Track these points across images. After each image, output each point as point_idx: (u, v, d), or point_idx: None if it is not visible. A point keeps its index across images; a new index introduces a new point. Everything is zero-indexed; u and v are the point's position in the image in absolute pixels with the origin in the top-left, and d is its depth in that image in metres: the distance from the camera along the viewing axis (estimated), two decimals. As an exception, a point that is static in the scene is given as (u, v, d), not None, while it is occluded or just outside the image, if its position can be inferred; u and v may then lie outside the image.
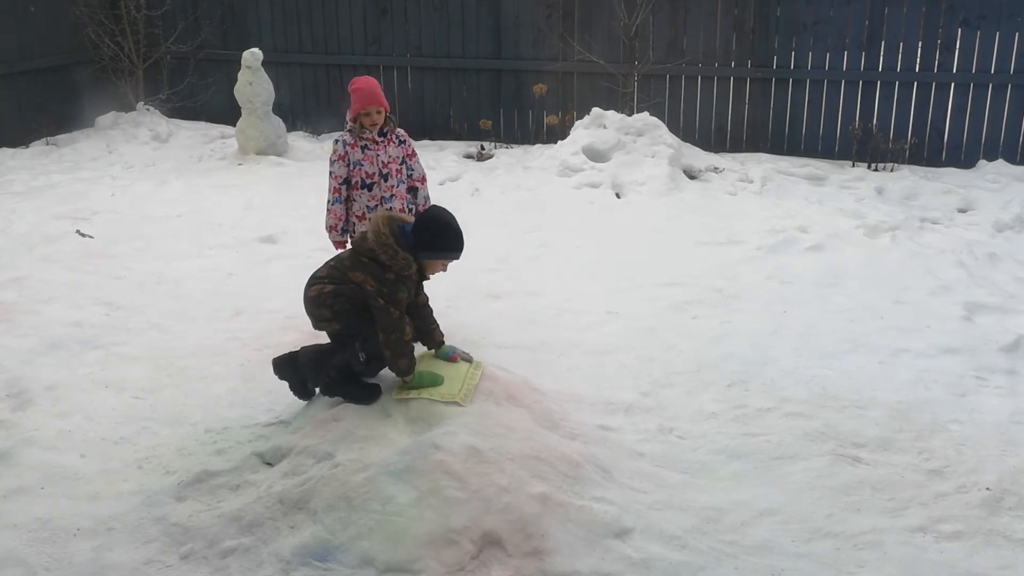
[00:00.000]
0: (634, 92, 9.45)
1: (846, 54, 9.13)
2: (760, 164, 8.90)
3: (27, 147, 9.87)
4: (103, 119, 10.43)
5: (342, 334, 4.05)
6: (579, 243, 7.01)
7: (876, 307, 5.82)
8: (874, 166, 8.98)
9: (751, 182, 8.48)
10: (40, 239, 6.96)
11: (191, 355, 5.12)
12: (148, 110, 10.51)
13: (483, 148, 9.79)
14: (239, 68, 9.32)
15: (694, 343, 5.30)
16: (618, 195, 8.13)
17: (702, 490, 3.88)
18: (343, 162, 5.07)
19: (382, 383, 4.06)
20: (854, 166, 9.04)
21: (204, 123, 10.72)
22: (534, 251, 6.89)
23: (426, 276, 4.12)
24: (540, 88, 9.67)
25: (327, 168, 5.14)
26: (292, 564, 3.37)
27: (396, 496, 3.46)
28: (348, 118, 5.11)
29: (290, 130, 9.93)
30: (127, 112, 10.55)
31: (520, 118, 10.20)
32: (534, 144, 9.87)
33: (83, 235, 7.10)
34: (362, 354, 3.97)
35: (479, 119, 10.06)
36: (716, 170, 8.71)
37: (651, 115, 8.87)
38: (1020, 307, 5.84)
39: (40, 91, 10.07)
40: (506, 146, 9.91)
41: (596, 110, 8.97)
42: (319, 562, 3.36)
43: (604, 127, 8.82)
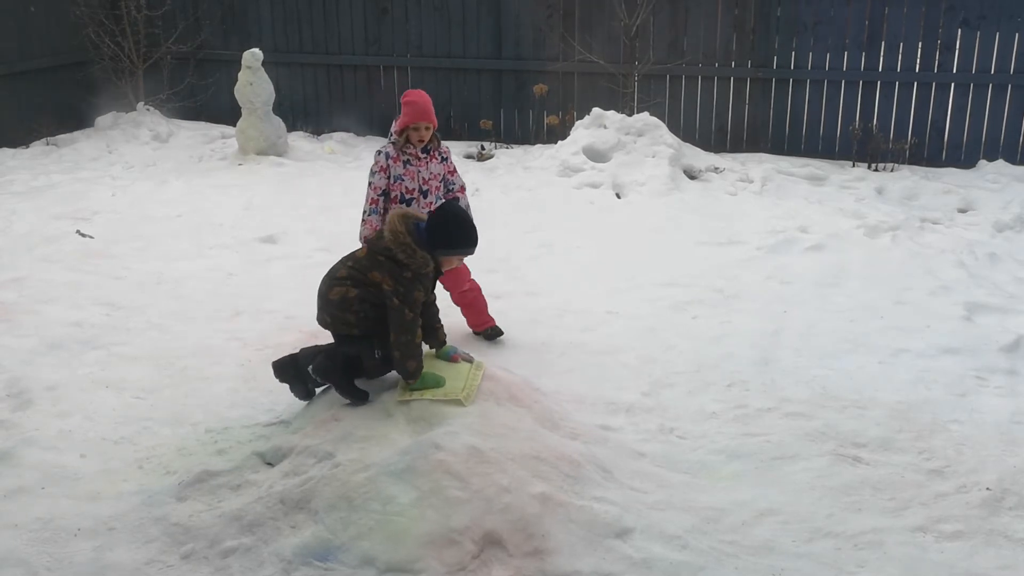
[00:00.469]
0: (634, 92, 9.45)
1: (846, 54, 9.13)
2: (760, 164, 8.90)
3: (27, 147, 9.87)
4: (103, 119, 10.43)
5: (356, 336, 4.06)
6: (579, 243, 7.01)
7: (876, 307, 5.82)
8: (874, 166, 8.98)
9: (751, 182, 8.48)
10: (40, 239, 6.96)
11: (191, 355, 5.12)
12: (148, 110, 10.51)
13: (483, 148, 9.79)
14: (239, 68, 9.32)
15: (694, 343, 5.30)
16: (618, 195, 8.13)
17: (703, 490, 3.88)
18: (384, 174, 4.92)
19: (381, 386, 4.06)
20: (854, 166, 9.04)
21: (204, 123, 10.71)
22: (534, 251, 6.89)
23: (441, 272, 4.15)
24: (540, 88, 9.67)
25: (329, 168, 5.12)
26: (293, 564, 3.37)
27: (397, 496, 3.46)
28: (394, 129, 4.96)
29: (290, 130, 9.93)
30: (127, 112, 10.55)
31: (520, 118, 10.20)
32: (534, 144, 9.87)
33: (83, 235, 7.10)
34: (378, 351, 3.98)
35: (479, 119, 10.06)
36: (716, 170, 8.71)
37: (651, 115, 8.87)
38: (1020, 307, 5.84)
39: (40, 91, 10.06)
40: (506, 146, 9.91)
41: (596, 110, 8.97)
42: (320, 562, 3.36)
43: (604, 127, 8.82)
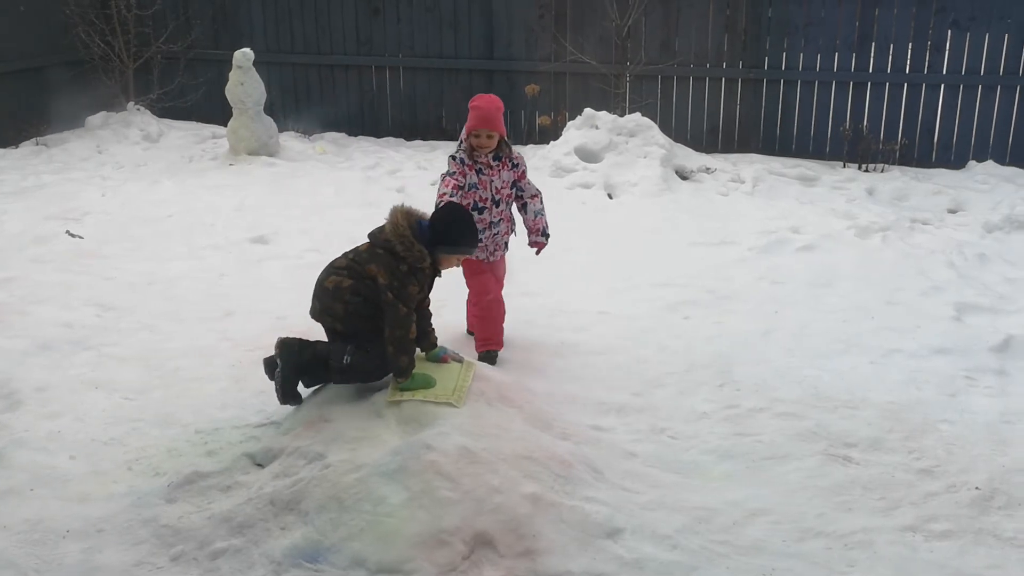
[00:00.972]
0: (626, 93, 9.46)
1: (837, 55, 9.17)
2: (752, 165, 8.92)
3: (17, 147, 9.82)
4: (93, 119, 10.38)
5: (335, 334, 4.05)
6: (572, 244, 7.00)
7: (868, 307, 5.84)
8: (865, 167, 9.00)
9: (743, 183, 8.49)
10: (31, 240, 6.93)
11: (182, 356, 5.10)
12: (139, 110, 10.47)
13: (475, 148, 9.78)
14: (230, 68, 9.30)
15: (686, 343, 5.31)
16: (610, 196, 8.14)
17: (694, 490, 3.89)
18: (462, 176, 4.85)
19: (372, 386, 4.05)
20: (845, 167, 9.06)
21: (195, 123, 10.69)
22: (526, 251, 6.87)
23: (439, 272, 4.14)
24: (532, 88, 9.67)
25: (320, 169, 5.10)
26: (283, 565, 3.36)
27: (388, 497, 3.45)
28: (462, 135, 4.90)
29: (282, 130, 9.90)
30: (118, 112, 10.50)
31: (512, 118, 10.18)
32: (526, 145, 9.86)
33: (73, 235, 7.07)
34: (348, 357, 3.95)
35: (471, 119, 10.05)
36: (708, 171, 8.72)
37: (643, 116, 8.88)
38: (1010, 307, 5.86)
39: (30, 91, 10.02)
40: (498, 146, 9.89)
41: (588, 111, 8.98)
42: (310, 563, 3.35)
43: (596, 128, 8.82)
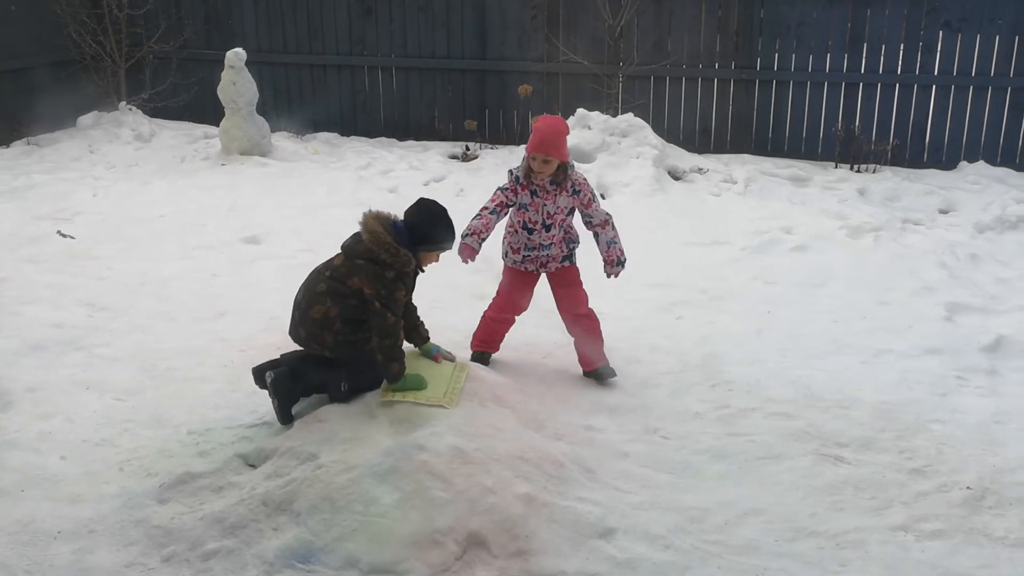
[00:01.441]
0: (619, 93, 9.47)
1: (829, 56, 9.18)
2: (744, 165, 8.94)
3: (8, 147, 9.78)
4: (85, 119, 10.34)
5: (327, 362, 4.06)
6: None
7: (860, 307, 5.85)
8: (857, 167, 9.03)
9: (735, 183, 8.51)
10: (22, 240, 6.90)
11: (174, 356, 5.08)
12: (130, 110, 10.43)
13: (468, 149, 9.79)
14: (222, 68, 9.28)
15: (679, 344, 5.31)
16: (603, 196, 8.14)
17: (687, 490, 3.89)
18: (513, 193, 4.71)
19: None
20: (837, 167, 9.09)
21: (187, 123, 10.65)
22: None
23: (422, 269, 4.14)
24: (525, 89, 9.67)
25: (313, 169, 5.08)
26: (275, 566, 3.35)
27: (380, 497, 3.45)
28: (527, 150, 4.66)
29: (274, 130, 9.88)
30: (109, 112, 10.46)
31: (505, 119, 10.20)
32: (519, 145, 9.84)
33: (64, 235, 7.04)
34: (345, 384, 4.01)
35: (464, 119, 10.05)
36: (700, 171, 8.74)
37: (636, 116, 8.89)
38: (1001, 308, 5.88)
39: (21, 90, 9.98)
40: (491, 147, 9.90)
41: (581, 111, 8.98)
42: (302, 564, 3.34)
43: (589, 128, 8.83)
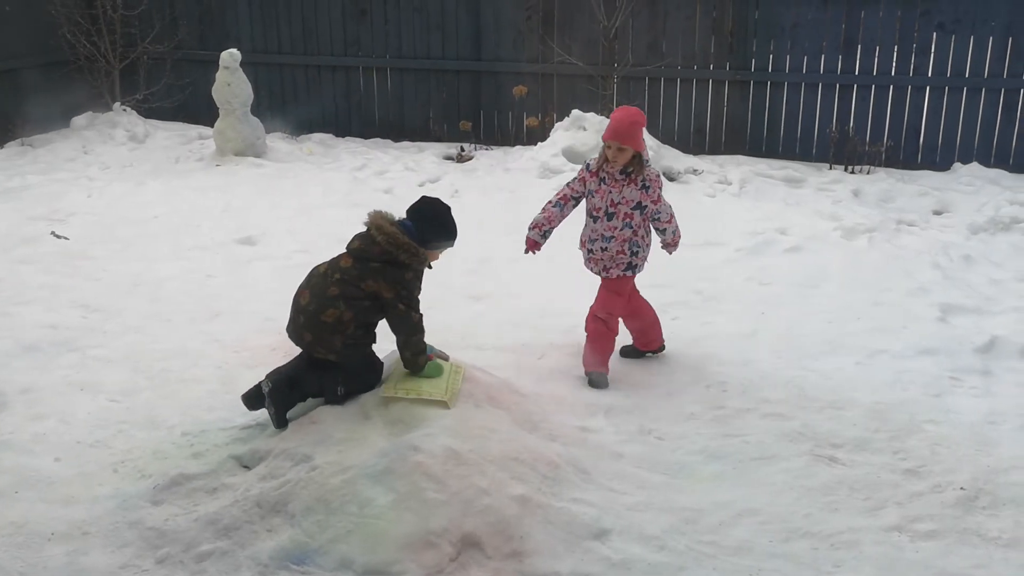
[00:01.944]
0: (613, 94, 9.47)
1: (823, 57, 9.20)
2: (739, 166, 8.95)
3: (2, 148, 9.76)
4: (79, 119, 10.32)
5: (324, 366, 4.03)
6: (559, 245, 7.00)
7: (854, 308, 5.86)
8: (851, 168, 9.04)
9: (730, 184, 8.52)
10: (16, 241, 6.89)
11: (169, 357, 5.07)
12: (125, 110, 10.41)
13: (463, 150, 9.79)
14: (217, 68, 9.27)
15: (674, 344, 5.31)
16: (598, 197, 8.14)
17: (681, 491, 3.90)
18: (582, 184, 4.85)
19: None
20: (831, 168, 9.10)
21: (182, 124, 10.64)
22: (515, 253, 6.86)
23: (430, 266, 4.15)
24: (520, 90, 9.67)
25: (308, 170, 5.08)
26: (269, 568, 3.35)
27: (375, 498, 3.45)
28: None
29: (269, 131, 9.87)
30: (103, 113, 10.44)
31: (500, 120, 10.20)
32: (514, 146, 9.87)
33: (58, 236, 7.03)
34: (341, 388, 4.01)
35: (459, 121, 10.05)
36: (695, 172, 8.75)
37: (631, 117, 8.89)
38: (994, 308, 5.90)
39: (14, 91, 9.95)
40: (486, 148, 9.90)
41: (576, 112, 8.99)
42: (297, 565, 3.34)
43: (584, 129, 8.83)
